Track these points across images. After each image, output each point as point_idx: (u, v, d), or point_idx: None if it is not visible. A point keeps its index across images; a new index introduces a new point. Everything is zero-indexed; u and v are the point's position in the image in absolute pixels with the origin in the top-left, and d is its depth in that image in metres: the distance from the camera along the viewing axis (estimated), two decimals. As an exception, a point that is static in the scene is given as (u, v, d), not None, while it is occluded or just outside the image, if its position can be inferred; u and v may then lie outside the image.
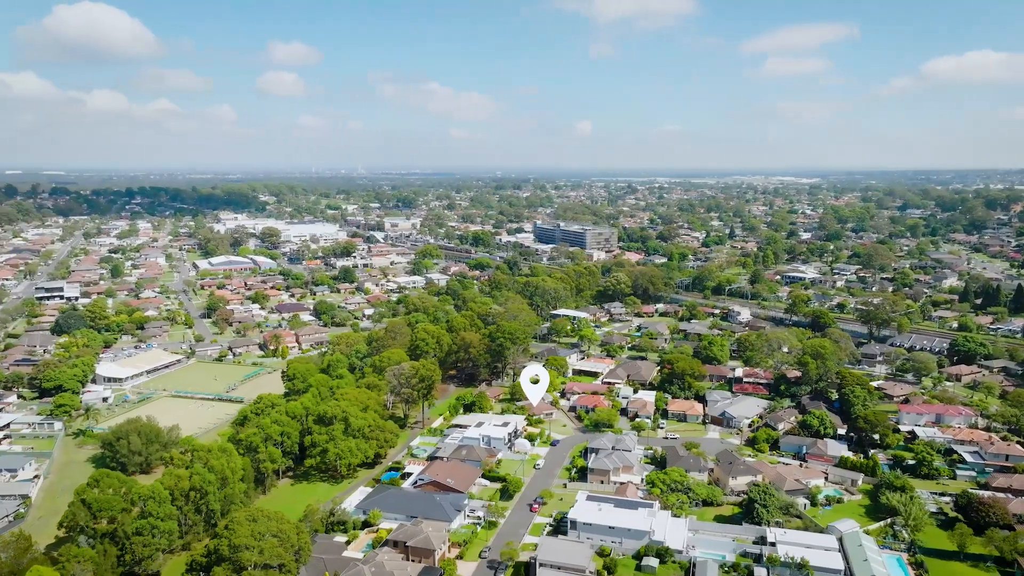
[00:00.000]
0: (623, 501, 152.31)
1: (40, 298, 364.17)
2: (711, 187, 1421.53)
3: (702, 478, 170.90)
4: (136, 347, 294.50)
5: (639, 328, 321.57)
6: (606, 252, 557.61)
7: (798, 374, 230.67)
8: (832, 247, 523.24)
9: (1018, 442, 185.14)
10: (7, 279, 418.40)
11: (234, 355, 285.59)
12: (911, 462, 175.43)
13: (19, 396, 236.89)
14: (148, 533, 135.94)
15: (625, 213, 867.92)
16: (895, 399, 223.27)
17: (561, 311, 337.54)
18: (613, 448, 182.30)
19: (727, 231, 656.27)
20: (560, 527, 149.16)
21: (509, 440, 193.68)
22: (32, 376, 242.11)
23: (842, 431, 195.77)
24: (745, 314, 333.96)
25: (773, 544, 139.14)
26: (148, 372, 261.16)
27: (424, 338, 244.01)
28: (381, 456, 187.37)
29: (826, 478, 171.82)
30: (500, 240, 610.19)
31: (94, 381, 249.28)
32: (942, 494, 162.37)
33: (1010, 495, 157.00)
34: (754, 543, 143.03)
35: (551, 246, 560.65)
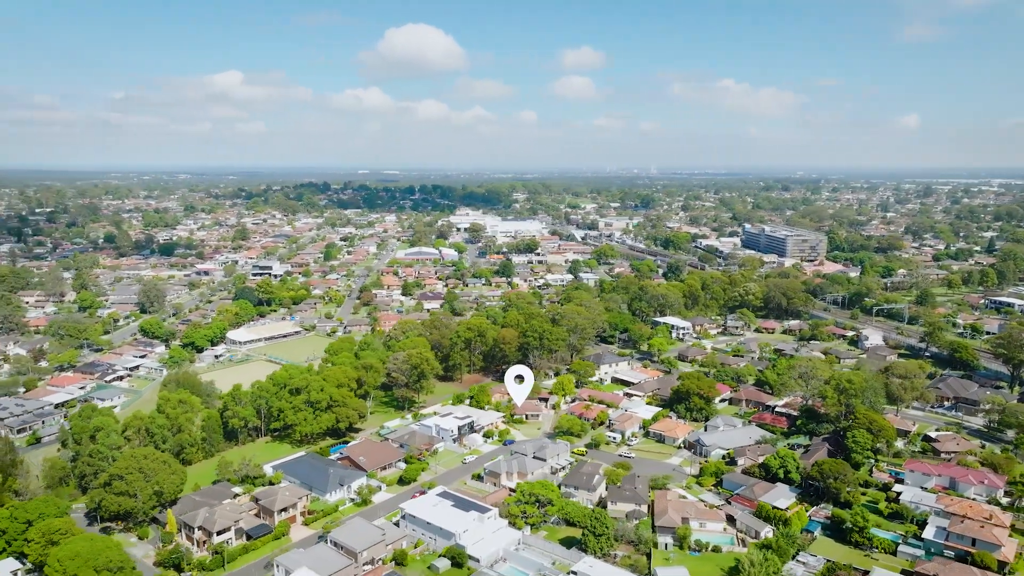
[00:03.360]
0: (465, 502, 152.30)
1: (255, 274, 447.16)
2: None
3: (592, 498, 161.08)
4: (283, 319, 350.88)
5: (739, 344, 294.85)
6: (806, 260, 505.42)
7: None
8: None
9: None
10: (251, 258, 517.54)
11: (345, 331, 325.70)
12: (849, 525, 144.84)
13: (167, 347, 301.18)
14: (97, 457, 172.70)
15: (884, 220, 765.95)
16: (942, 455, 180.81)
17: (668, 318, 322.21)
18: (533, 455, 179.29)
19: (987, 244, 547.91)
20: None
21: (457, 433, 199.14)
22: (184, 333, 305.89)
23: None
24: (875, 339, 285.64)
25: (574, 574, 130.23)
26: (266, 339, 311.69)
27: (459, 331, 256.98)
28: (344, 428, 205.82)
29: (731, 523, 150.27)
30: (700, 244, 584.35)
31: (223, 342, 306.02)
32: (848, 566, 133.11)
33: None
34: (569, 572, 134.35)
35: (743, 252, 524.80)
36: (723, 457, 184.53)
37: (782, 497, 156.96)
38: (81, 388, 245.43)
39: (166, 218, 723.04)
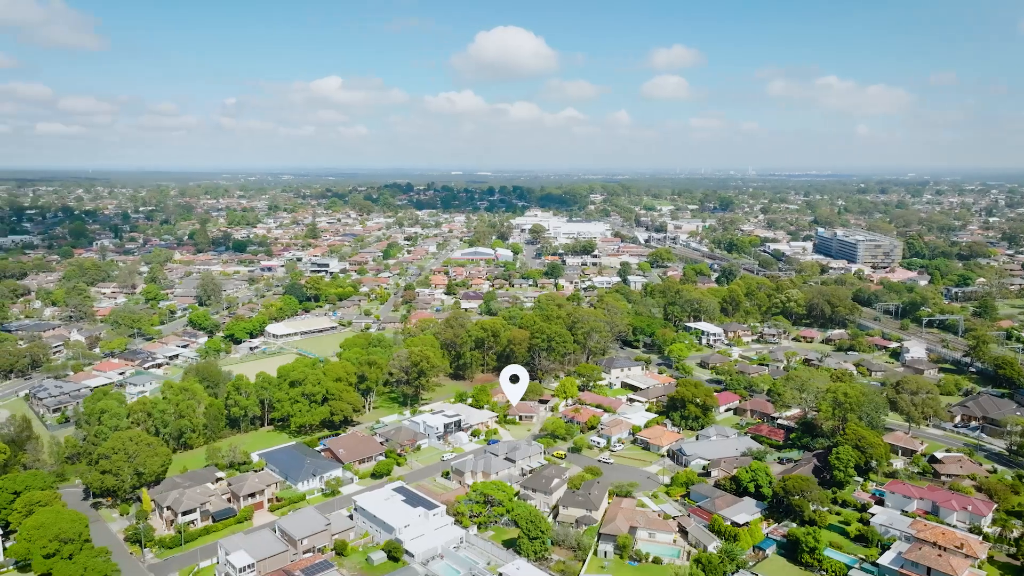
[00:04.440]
0: (415, 498, 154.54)
1: (312, 271, 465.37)
2: None
3: (549, 501, 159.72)
4: (325, 314, 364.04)
5: (769, 352, 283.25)
6: (879, 267, 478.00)
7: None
8: None
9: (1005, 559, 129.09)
10: (314, 256, 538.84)
11: (379, 328, 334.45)
12: (802, 544, 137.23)
13: (210, 337, 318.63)
14: (101, 437, 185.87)
15: (983, 225, 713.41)
16: (942, 478, 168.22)
17: (701, 324, 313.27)
18: (504, 456, 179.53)
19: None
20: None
21: (443, 431, 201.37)
22: (226, 325, 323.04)
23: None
24: (917, 351, 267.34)
25: None
26: (302, 333, 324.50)
27: (470, 330, 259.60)
28: (339, 421, 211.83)
29: (683, 535, 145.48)
30: (769, 248, 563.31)
31: (261, 335, 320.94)
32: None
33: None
34: (498, 573, 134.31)
35: (809, 257, 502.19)
36: (703, 468, 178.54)
37: (745, 512, 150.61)
38: (121, 374, 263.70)
39: (248, 216, 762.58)
